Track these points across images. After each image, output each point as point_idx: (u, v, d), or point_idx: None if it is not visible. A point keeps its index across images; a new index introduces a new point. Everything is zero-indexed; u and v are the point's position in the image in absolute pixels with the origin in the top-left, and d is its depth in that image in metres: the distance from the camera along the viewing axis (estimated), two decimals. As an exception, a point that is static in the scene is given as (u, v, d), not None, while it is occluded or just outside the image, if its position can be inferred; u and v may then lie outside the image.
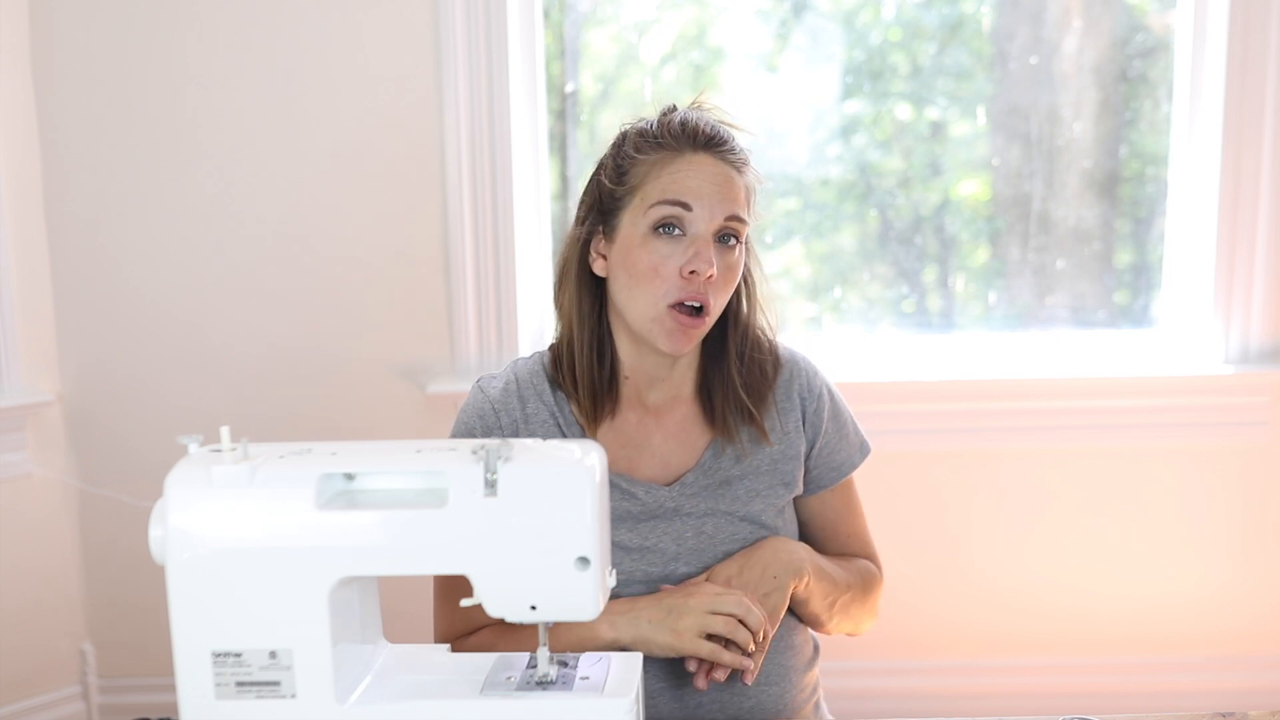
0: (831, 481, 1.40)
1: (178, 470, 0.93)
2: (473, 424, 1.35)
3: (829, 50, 2.47)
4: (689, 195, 1.26)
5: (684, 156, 1.28)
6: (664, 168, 1.28)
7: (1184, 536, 2.37)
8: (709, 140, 1.29)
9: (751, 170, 1.33)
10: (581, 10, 2.47)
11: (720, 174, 1.28)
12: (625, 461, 1.34)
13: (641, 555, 1.30)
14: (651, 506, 1.32)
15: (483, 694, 0.97)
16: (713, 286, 1.27)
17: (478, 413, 1.35)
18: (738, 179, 1.29)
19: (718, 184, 1.27)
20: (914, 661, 2.39)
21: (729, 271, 1.29)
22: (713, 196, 1.27)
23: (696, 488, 1.33)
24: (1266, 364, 2.30)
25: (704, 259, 1.25)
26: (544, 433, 1.34)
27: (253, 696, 0.94)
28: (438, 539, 0.92)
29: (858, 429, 1.43)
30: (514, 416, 1.34)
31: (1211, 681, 2.39)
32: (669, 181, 1.27)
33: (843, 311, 2.55)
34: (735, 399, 1.34)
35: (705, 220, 1.26)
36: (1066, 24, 2.45)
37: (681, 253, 1.26)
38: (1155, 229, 2.47)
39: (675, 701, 1.30)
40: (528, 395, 1.35)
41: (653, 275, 1.27)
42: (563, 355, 1.36)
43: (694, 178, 1.27)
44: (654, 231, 1.27)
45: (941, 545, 2.39)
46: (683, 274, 1.26)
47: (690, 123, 1.30)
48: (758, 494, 1.34)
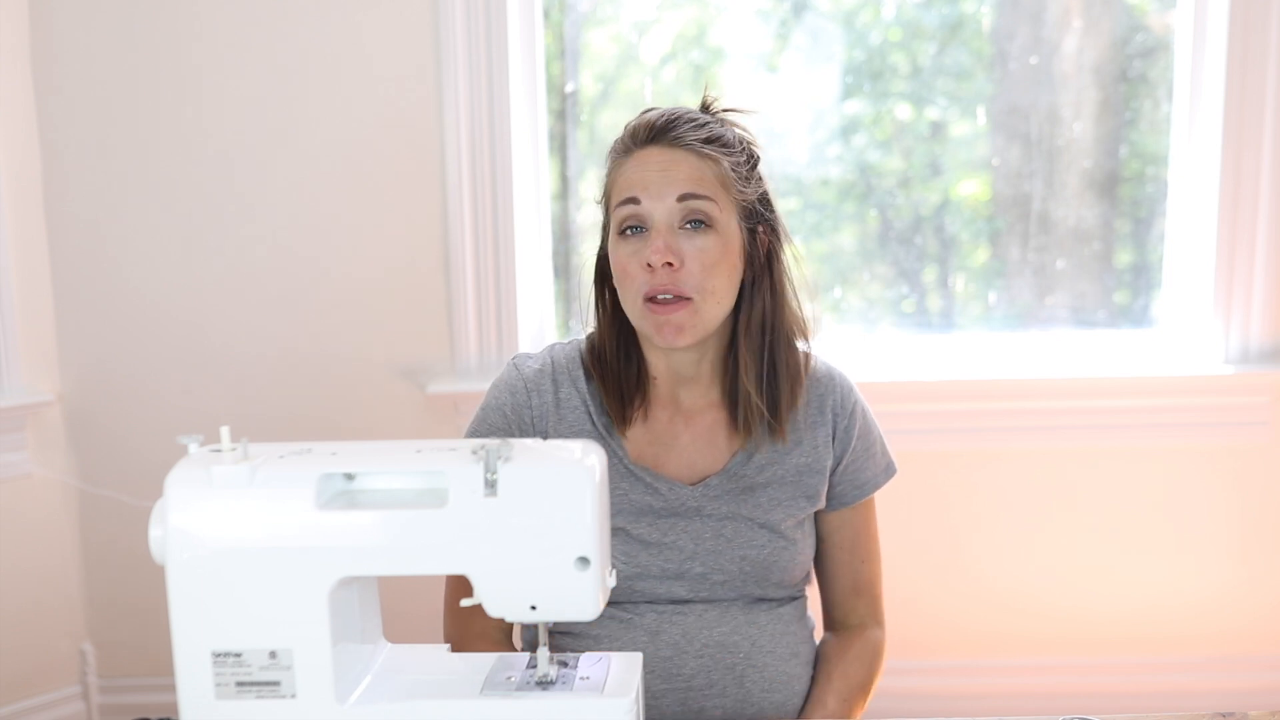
0: (854, 499, 1.40)
1: (178, 470, 0.93)
2: (503, 399, 1.35)
3: (829, 50, 2.47)
4: (635, 189, 1.28)
5: (633, 155, 1.31)
6: (619, 171, 1.32)
7: (1184, 536, 2.37)
8: (656, 131, 1.30)
9: (728, 148, 1.30)
10: (581, 10, 2.47)
11: (666, 159, 1.28)
12: (652, 458, 1.34)
13: (659, 550, 1.31)
14: (673, 504, 1.32)
15: (483, 694, 0.97)
16: (687, 273, 1.26)
17: (509, 388, 1.36)
18: (693, 160, 1.28)
19: (663, 169, 1.28)
20: (913, 662, 2.39)
21: (703, 254, 1.27)
22: (659, 183, 1.27)
23: (720, 490, 1.33)
24: (1266, 364, 2.30)
25: (655, 248, 1.25)
26: (574, 419, 1.34)
27: (253, 696, 0.94)
28: (438, 539, 0.92)
29: (885, 450, 1.43)
30: (545, 399, 1.34)
31: (1211, 681, 2.39)
32: (622, 183, 1.30)
33: (843, 311, 2.55)
34: (751, 394, 1.33)
35: (659, 209, 1.27)
36: (1066, 24, 2.45)
37: (645, 247, 1.27)
38: (1155, 229, 2.47)
39: (676, 704, 1.30)
40: (562, 380, 1.36)
41: (625, 275, 1.29)
42: (596, 349, 1.37)
43: (639, 170, 1.29)
44: (621, 234, 1.30)
45: (941, 545, 2.39)
46: (643, 267, 1.27)
47: (641, 121, 1.32)
48: (779, 503, 1.34)
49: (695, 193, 1.27)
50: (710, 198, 1.27)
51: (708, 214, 1.27)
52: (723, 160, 1.29)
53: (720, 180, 1.29)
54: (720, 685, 1.30)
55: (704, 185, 1.28)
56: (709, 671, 1.30)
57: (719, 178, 1.29)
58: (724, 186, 1.29)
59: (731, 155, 1.31)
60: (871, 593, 1.43)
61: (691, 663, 1.30)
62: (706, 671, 1.30)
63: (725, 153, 1.30)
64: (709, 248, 1.27)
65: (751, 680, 1.31)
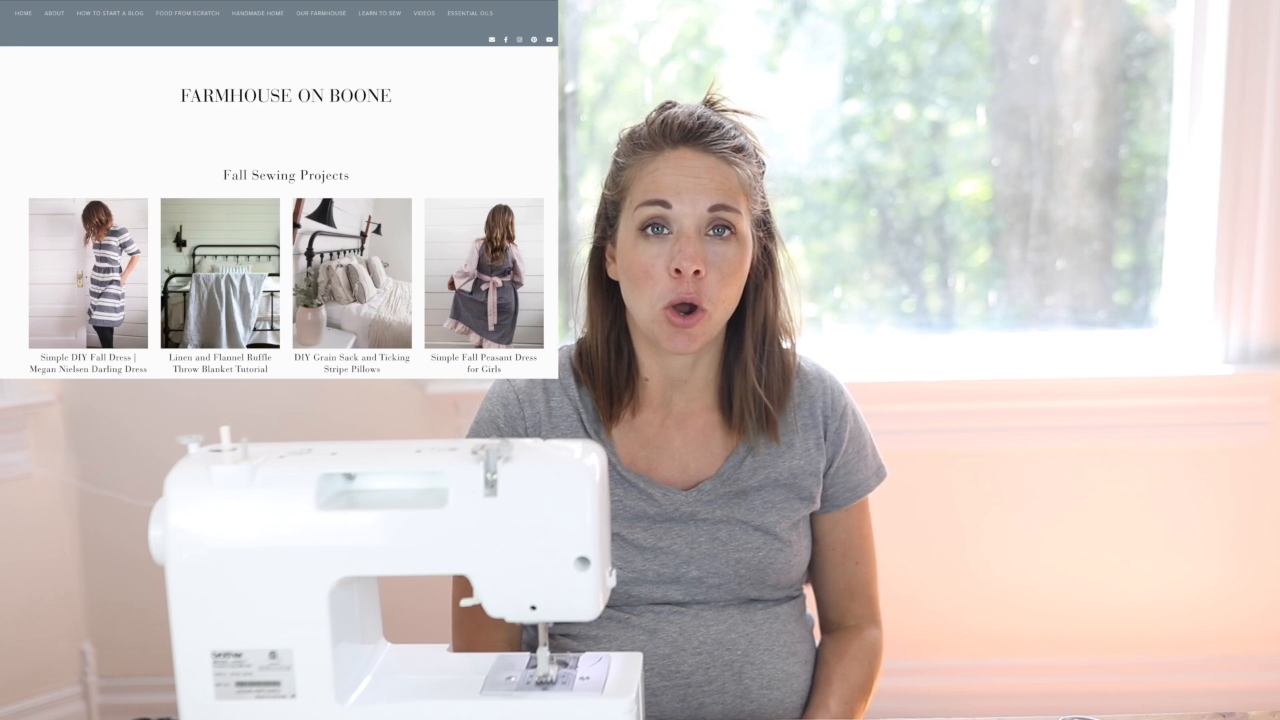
0: (846, 501, 1.39)
1: (178, 470, 0.93)
2: (495, 413, 1.35)
3: (829, 50, 2.47)
4: (667, 192, 1.26)
5: (663, 154, 1.28)
6: (645, 167, 1.28)
7: (1184, 536, 2.37)
8: (688, 133, 1.28)
9: (748, 157, 1.30)
10: (581, 10, 2.47)
11: (701, 165, 1.27)
12: (645, 462, 1.34)
13: (654, 555, 1.31)
14: (668, 509, 1.32)
15: (483, 694, 0.97)
16: (707, 282, 1.25)
17: (501, 401, 1.35)
18: (724, 168, 1.27)
19: (697, 176, 1.26)
20: (913, 662, 2.39)
21: (724, 263, 1.26)
22: (693, 190, 1.25)
23: (714, 495, 1.33)
24: (1266, 364, 2.30)
25: (687, 255, 1.24)
26: (566, 426, 1.34)
27: (253, 696, 0.94)
28: (438, 539, 0.92)
29: (876, 453, 1.43)
30: (538, 409, 1.34)
31: (1211, 681, 2.39)
32: (650, 181, 1.27)
33: (843, 311, 2.55)
34: (752, 396, 1.33)
35: (688, 215, 1.25)
36: (1066, 24, 2.45)
37: (669, 251, 1.25)
38: (1155, 229, 2.47)
39: (676, 701, 1.30)
40: (552, 388, 1.35)
41: (645, 277, 1.27)
42: (586, 353, 1.37)
43: (672, 174, 1.26)
44: (642, 233, 1.27)
45: (940, 545, 2.39)
46: (670, 272, 1.25)
47: (670, 118, 1.29)
48: (774, 506, 1.34)
49: (725, 203, 1.26)
50: (736, 209, 1.27)
51: (732, 224, 1.27)
52: (745, 167, 1.29)
53: (744, 189, 1.29)
54: (719, 682, 1.30)
55: (732, 195, 1.27)
56: (708, 668, 1.30)
57: (743, 186, 1.29)
58: (746, 195, 1.29)
59: (750, 164, 1.31)
60: (867, 594, 1.43)
61: (690, 660, 1.30)
62: (705, 668, 1.30)
63: (746, 160, 1.30)
64: (730, 257, 1.27)
65: (750, 677, 1.31)
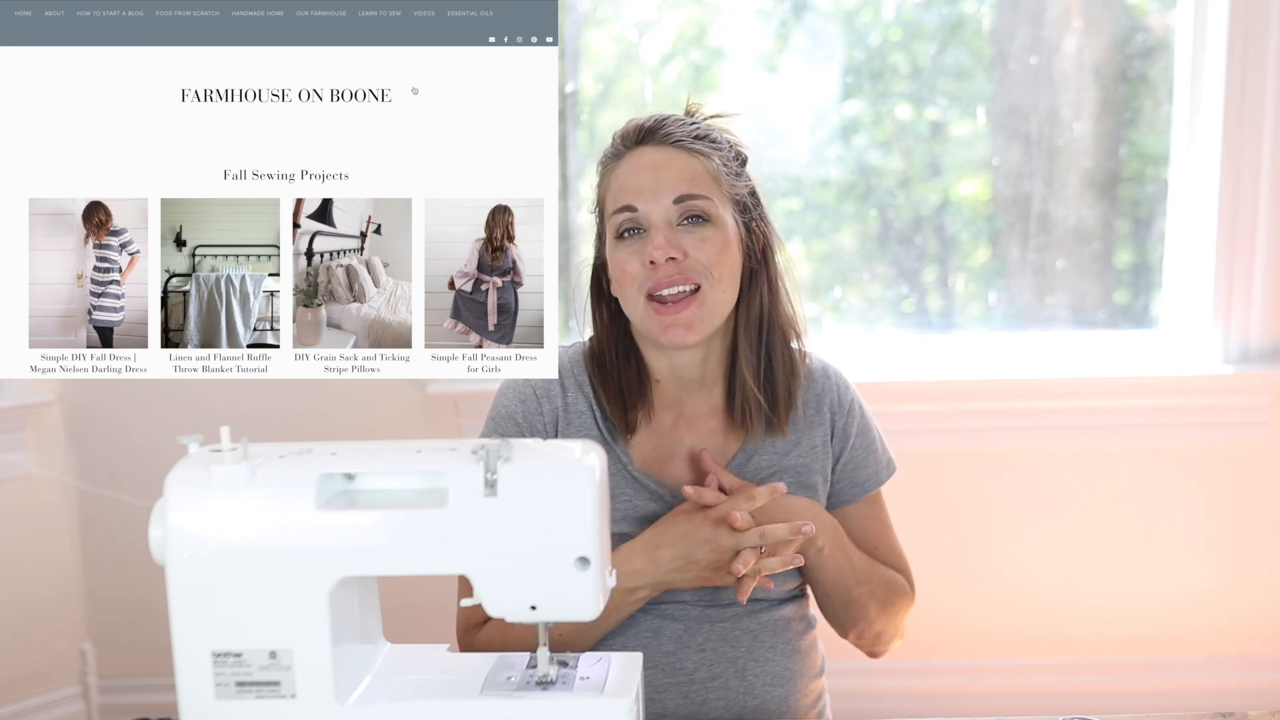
0: (855, 497, 1.40)
1: (178, 470, 0.93)
2: (513, 409, 1.35)
3: (829, 50, 2.47)
4: (632, 195, 1.28)
5: (623, 158, 1.31)
6: (613, 176, 1.32)
7: (1183, 536, 2.37)
8: (645, 133, 1.30)
9: (716, 145, 1.31)
10: (581, 10, 2.47)
11: (658, 160, 1.28)
12: (657, 464, 1.34)
13: None
14: None
15: (483, 694, 0.97)
16: (693, 261, 1.26)
17: (519, 397, 1.35)
18: (685, 158, 1.28)
19: (656, 170, 1.28)
20: (912, 662, 2.39)
21: (705, 244, 1.27)
22: (654, 187, 1.27)
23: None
24: (1266, 364, 2.30)
25: (656, 244, 1.25)
26: (581, 425, 1.34)
27: (253, 696, 0.94)
28: (438, 539, 0.92)
29: (885, 447, 1.43)
30: (555, 404, 1.34)
31: (1211, 681, 2.39)
32: (616, 189, 1.30)
33: (843, 311, 2.55)
34: (751, 390, 1.33)
35: (655, 212, 1.27)
36: (1066, 24, 2.45)
37: (644, 246, 1.27)
38: (1155, 229, 2.47)
39: (679, 698, 1.30)
40: (568, 384, 1.36)
41: (624, 276, 1.28)
42: (599, 362, 1.37)
43: (633, 175, 1.29)
44: (619, 239, 1.30)
45: (940, 545, 2.39)
46: (645, 266, 1.26)
47: (630, 124, 1.32)
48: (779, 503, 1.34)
49: (691, 192, 1.27)
50: (705, 195, 1.28)
51: (705, 210, 1.28)
52: (713, 156, 1.30)
53: (713, 176, 1.29)
54: (723, 679, 1.30)
55: (698, 183, 1.28)
56: (711, 665, 1.30)
57: (711, 173, 1.29)
58: (716, 182, 1.29)
59: (720, 152, 1.31)
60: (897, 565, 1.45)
61: (694, 656, 1.30)
62: (709, 665, 1.30)
63: (714, 149, 1.31)
64: (711, 238, 1.27)
65: (753, 674, 1.31)
